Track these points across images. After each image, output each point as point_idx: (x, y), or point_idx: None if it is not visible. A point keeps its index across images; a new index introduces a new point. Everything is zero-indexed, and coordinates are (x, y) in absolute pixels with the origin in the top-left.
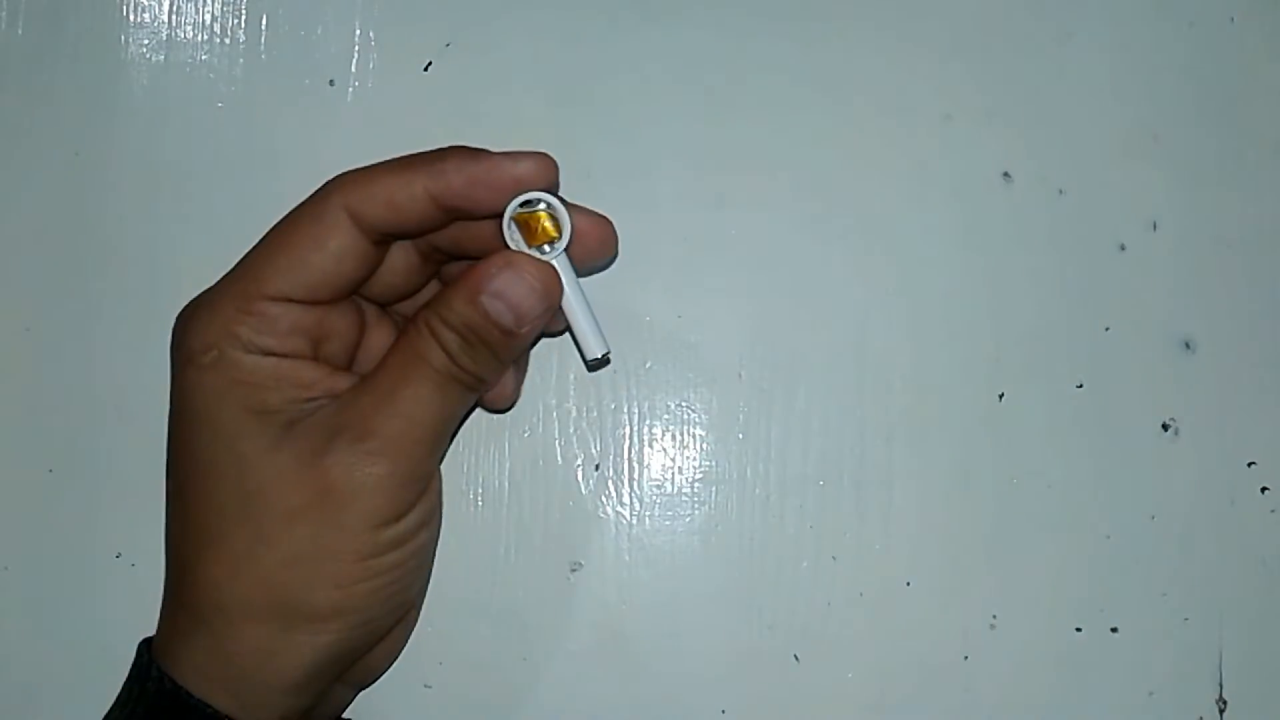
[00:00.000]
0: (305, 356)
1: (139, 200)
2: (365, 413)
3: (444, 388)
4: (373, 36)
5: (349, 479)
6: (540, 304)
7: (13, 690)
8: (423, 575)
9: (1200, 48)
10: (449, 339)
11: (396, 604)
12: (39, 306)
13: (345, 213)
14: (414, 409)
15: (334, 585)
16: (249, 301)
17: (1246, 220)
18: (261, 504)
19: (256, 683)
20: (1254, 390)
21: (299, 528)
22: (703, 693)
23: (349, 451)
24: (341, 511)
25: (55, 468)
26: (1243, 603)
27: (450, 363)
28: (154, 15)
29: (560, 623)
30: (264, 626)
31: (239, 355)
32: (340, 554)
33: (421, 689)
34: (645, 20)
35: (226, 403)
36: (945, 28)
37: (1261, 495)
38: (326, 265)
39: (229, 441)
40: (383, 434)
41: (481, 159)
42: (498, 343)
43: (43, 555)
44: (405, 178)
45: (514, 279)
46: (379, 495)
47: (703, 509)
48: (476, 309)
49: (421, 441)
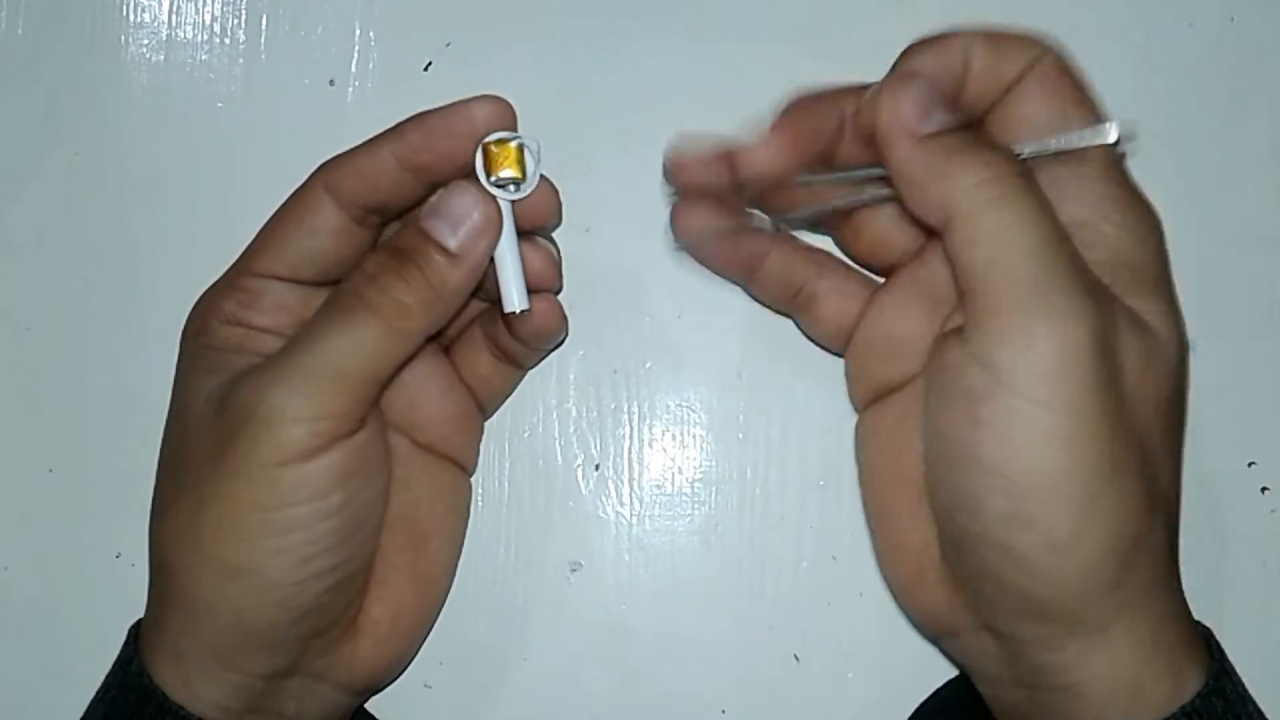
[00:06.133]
0: (283, 334)
1: (139, 200)
2: (275, 356)
3: (352, 315)
4: (373, 36)
5: (243, 415)
6: (480, 221)
7: (13, 690)
8: (348, 547)
9: (1200, 48)
10: (375, 264)
11: (311, 572)
12: (39, 306)
13: (323, 190)
14: (317, 343)
15: (236, 536)
16: (237, 277)
17: (1246, 220)
18: (186, 452)
19: (187, 649)
20: (1254, 390)
21: (206, 471)
22: (703, 693)
23: (251, 389)
24: (234, 448)
25: (55, 468)
26: (1243, 603)
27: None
28: (154, 15)
29: (560, 623)
30: (183, 578)
31: (217, 325)
32: (239, 500)
33: (421, 689)
34: (645, 21)
35: (190, 368)
36: (944, 28)
37: (1261, 495)
38: (306, 242)
39: (181, 404)
40: (284, 365)
41: (436, 111)
42: (433, 265)
43: (43, 555)
44: (372, 147)
45: (455, 196)
46: (269, 429)
47: (703, 509)
48: (413, 230)
49: (321, 374)
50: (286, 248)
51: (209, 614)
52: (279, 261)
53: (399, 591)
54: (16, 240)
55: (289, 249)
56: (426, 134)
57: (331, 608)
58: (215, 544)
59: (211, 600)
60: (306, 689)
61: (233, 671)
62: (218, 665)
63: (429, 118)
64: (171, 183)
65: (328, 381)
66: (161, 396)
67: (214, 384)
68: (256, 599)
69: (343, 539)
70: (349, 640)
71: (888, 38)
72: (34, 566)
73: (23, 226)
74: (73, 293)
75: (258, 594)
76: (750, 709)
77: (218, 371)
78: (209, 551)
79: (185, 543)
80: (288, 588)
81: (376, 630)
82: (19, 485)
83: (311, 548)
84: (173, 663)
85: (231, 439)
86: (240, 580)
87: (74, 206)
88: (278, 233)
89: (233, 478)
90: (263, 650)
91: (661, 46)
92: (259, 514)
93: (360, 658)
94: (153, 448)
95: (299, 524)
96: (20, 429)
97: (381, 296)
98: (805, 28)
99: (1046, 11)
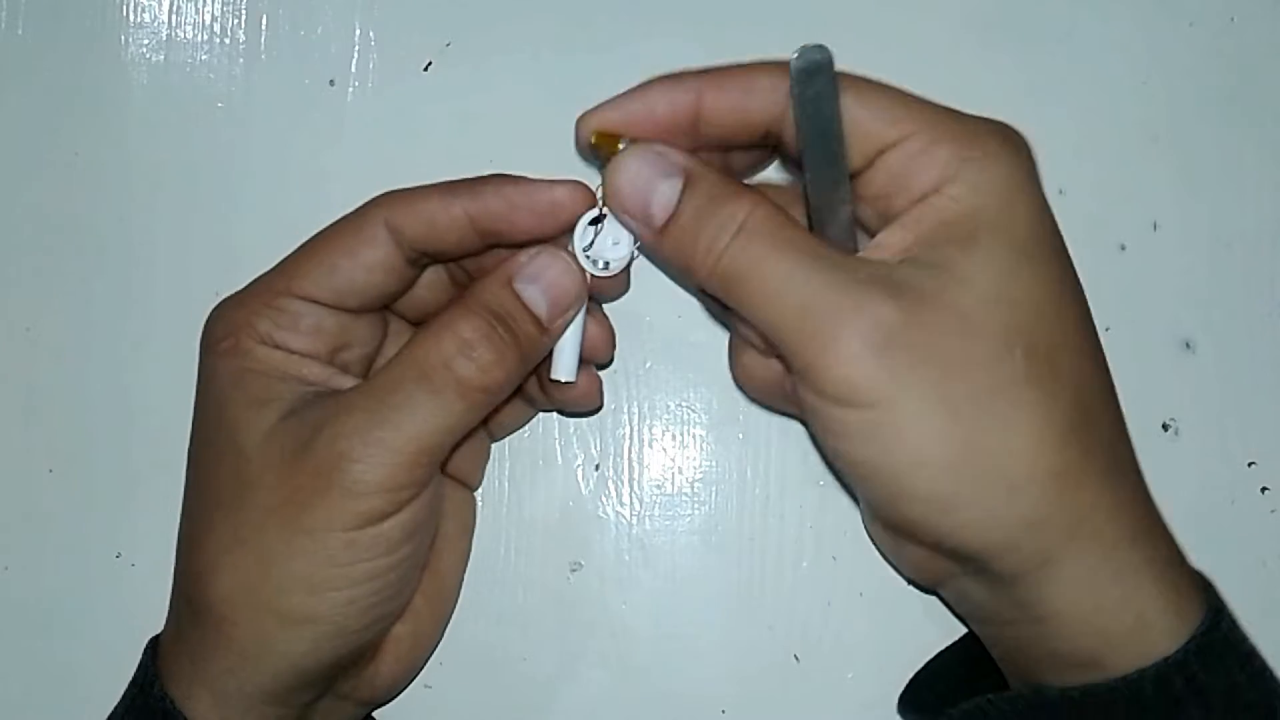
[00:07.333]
0: (320, 359)
1: (139, 200)
2: (354, 412)
3: (441, 394)
4: (373, 36)
5: (324, 479)
6: (573, 290)
7: (13, 690)
8: (408, 590)
9: (1200, 48)
10: (471, 329)
11: (376, 616)
12: (39, 306)
13: (384, 227)
14: (403, 416)
15: (306, 589)
16: (274, 297)
17: (1246, 220)
18: (248, 497)
19: (232, 689)
20: (1254, 390)
21: (274, 525)
22: (703, 693)
23: (328, 450)
24: (313, 512)
25: (55, 468)
26: (1243, 603)
27: (462, 363)
28: (154, 15)
29: (560, 623)
30: (241, 627)
31: (252, 345)
32: (312, 556)
33: (421, 689)
34: (644, 21)
35: (233, 392)
36: (944, 29)
37: (1261, 495)
38: (356, 274)
39: (230, 431)
40: (365, 437)
41: (520, 183)
42: (525, 336)
43: (43, 555)
44: (446, 198)
45: (552, 262)
46: (352, 499)
47: (703, 509)
48: (508, 293)
49: (404, 451)
50: (335, 276)
51: (267, 659)
52: (324, 288)
53: (417, 610)
54: (16, 240)
55: (337, 278)
56: (507, 205)
57: (377, 641)
58: (284, 597)
59: (273, 648)
60: (332, 708)
61: (277, 706)
62: (263, 702)
63: (509, 188)
64: (171, 183)
65: (411, 457)
66: (161, 396)
67: (270, 419)
68: (319, 645)
69: (406, 584)
70: (373, 660)
71: (887, 37)
72: (34, 566)
73: (23, 226)
74: (73, 293)
75: (322, 640)
76: (750, 709)
77: (270, 402)
78: (277, 604)
79: (248, 594)
80: (353, 634)
81: (398, 649)
82: (19, 485)
83: (379, 595)
84: (212, 697)
85: (309, 501)
86: (307, 629)
87: (74, 206)
88: (326, 259)
89: (309, 538)
90: (311, 686)
91: (661, 47)
92: (333, 570)
93: (382, 675)
94: (152, 448)
95: (370, 576)
96: (20, 429)
97: (474, 372)
98: (805, 28)
99: (1047, 11)
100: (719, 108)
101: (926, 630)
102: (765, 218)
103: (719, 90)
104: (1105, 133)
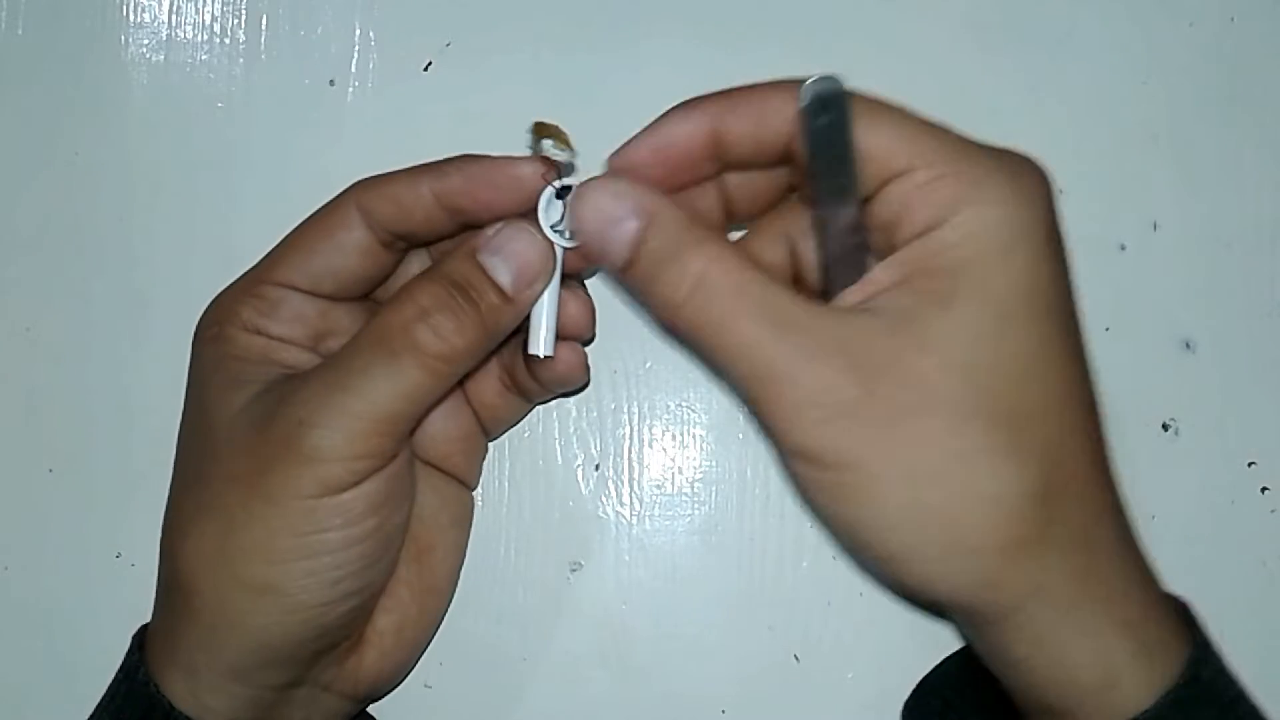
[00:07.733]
0: (301, 345)
1: (139, 200)
2: (313, 381)
3: (399, 360)
4: (373, 36)
5: (284, 446)
6: (538, 265)
7: (12, 690)
8: (375, 569)
9: (1200, 48)
10: (430, 298)
11: (341, 593)
12: (39, 306)
13: (356, 210)
14: (362, 382)
15: (265, 558)
16: (257, 285)
17: (1246, 220)
18: (214, 469)
19: (201, 664)
20: (1254, 390)
21: (236, 492)
22: (703, 693)
23: (288, 418)
24: (272, 478)
25: (55, 468)
26: (1243, 603)
27: (421, 330)
28: (154, 15)
29: (560, 623)
30: (204, 596)
31: (235, 332)
32: (271, 523)
33: (421, 689)
34: (645, 21)
35: (212, 376)
36: (944, 29)
37: (1261, 495)
38: (332, 258)
39: (206, 412)
40: (324, 402)
41: (483, 160)
42: (487, 306)
43: (42, 555)
44: (413, 178)
45: (516, 233)
46: (310, 465)
47: (703, 509)
48: (470, 264)
49: (363, 416)
50: (311, 260)
51: (231, 632)
52: (301, 273)
53: (403, 603)
54: (16, 240)
55: (313, 262)
56: (468, 180)
57: (350, 625)
58: (244, 565)
59: (235, 619)
60: (313, 699)
61: (246, 685)
62: (232, 680)
63: (472, 164)
64: (171, 183)
65: (370, 423)
66: (161, 396)
67: (243, 398)
68: (282, 618)
69: (371, 562)
70: (355, 651)
71: (887, 38)
72: (34, 566)
73: (23, 227)
74: (73, 293)
75: (284, 614)
76: (750, 709)
77: (245, 384)
78: (237, 572)
79: (211, 562)
80: (315, 608)
81: (381, 641)
82: (19, 485)
83: (341, 570)
84: (184, 675)
85: (268, 468)
86: (268, 600)
87: (74, 206)
88: (303, 245)
89: (268, 504)
90: (279, 666)
91: (661, 47)
92: (293, 539)
93: (365, 668)
94: (152, 448)
95: (331, 548)
96: (20, 429)
97: (431, 338)
98: (805, 28)
99: (1046, 12)
100: (735, 132)
101: (927, 630)
102: (725, 272)
103: (733, 115)
104: (1105, 133)
